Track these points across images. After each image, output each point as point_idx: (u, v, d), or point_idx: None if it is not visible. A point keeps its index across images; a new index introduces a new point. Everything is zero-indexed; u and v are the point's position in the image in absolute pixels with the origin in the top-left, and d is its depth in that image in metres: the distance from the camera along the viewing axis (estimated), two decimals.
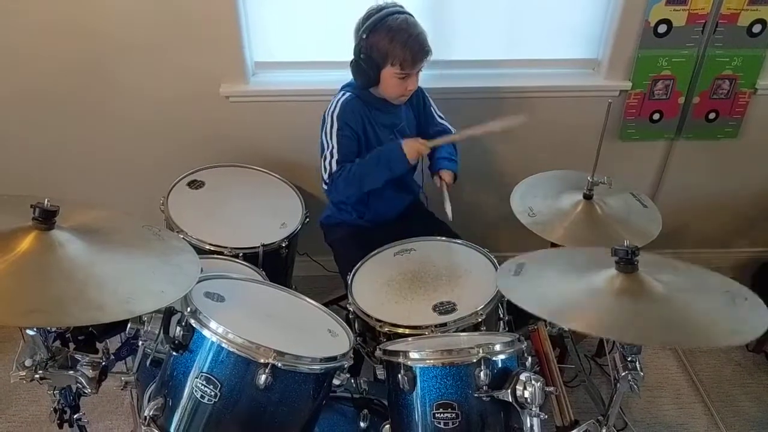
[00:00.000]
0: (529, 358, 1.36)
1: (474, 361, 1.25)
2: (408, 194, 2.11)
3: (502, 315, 1.65)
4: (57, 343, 1.31)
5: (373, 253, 1.83)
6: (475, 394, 1.25)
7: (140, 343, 1.32)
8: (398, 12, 1.77)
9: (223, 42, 2.12)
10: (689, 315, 1.21)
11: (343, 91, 1.90)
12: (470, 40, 2.25)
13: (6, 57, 2.11)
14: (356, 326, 1.65)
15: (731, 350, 2.43)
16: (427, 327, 1.54)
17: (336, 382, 1.34)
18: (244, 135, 2.32)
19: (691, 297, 1.26)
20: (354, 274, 1.76)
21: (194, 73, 2.17)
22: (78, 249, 1.18)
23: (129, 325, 1.25)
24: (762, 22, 2.15)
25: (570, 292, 1.29)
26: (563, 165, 2.04)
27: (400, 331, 1.55)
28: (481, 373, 1.24)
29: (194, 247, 1.44)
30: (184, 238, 1.66)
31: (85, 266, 1.16)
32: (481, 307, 1.56)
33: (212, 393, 1.21)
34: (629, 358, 1.31)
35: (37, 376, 1.24)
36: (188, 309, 1.24)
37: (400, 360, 1.32)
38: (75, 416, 1.37)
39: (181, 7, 2.04)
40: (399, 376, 1.31)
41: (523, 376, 1.22)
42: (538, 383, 1.20)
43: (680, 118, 2.35)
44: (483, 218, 2.58)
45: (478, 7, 2.18)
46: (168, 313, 1.24)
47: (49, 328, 1.26)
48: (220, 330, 1.21)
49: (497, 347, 1.29)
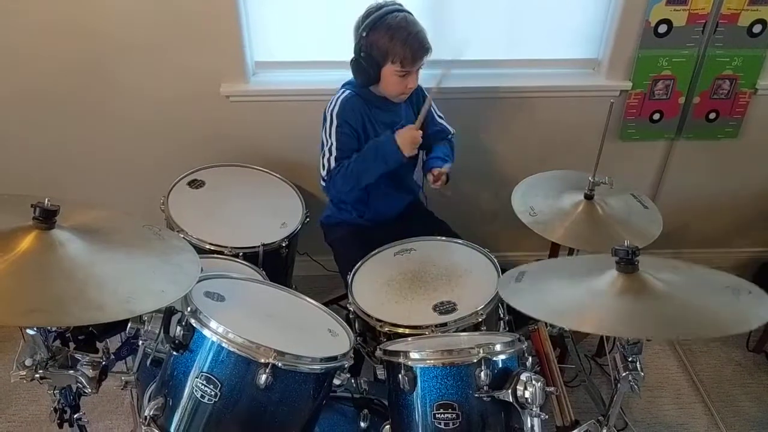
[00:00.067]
0: (530, 358, 1.36)
1: (474, 361, 1.25)
2: (408, 194, 2.11)
3: (502, 315, 1.65)
4: (57, 343, 1.31)
5: (374, 252, 1.83)
6: (476, 395, 1.25)
7: (140, 342, 1.32)
8: (398, 10, 1.78)
9: (224, 41, 2.12)
10: (693, 308, 1.21)
11: (343, 89, 1.90)
12: (470, 40, 2.24)
13: (6, 57, 2.11)
14: (356, 326, 1.65)
15: (731, 350, 2.44)
16: (427, 327, 1.54)
17: (336, 381, 1.34)
18: (244, 134, 2.32)
19: (693, 293, 1.26)
20: (354, 273, 1.76)
21: (194, 73, 2.17)
22: (78, 248, 1.18)
23: (129, 325, 1.26)
24: (762, 22, 2.15)
25: (572, 295, 1.29)
26: (563, 165, 2.04)
27: (401, 330, 1.55)
28: (482, 374, 1.24)
29: (194, 246, 1.44)
30: (184, 238, 1.66)
31: (85, 266, 1.16)
32: (482, 307, 1.56)
33: (212, 393, 1.20)
34: (630, 358, 1.31)
35: (37, 375, 1.23)
36: (188, 308, 1.24)
37: (401, 360, 1.32)
38: (75, 416, 1.36)
39: (182, 6, 2.04)
40: (399, 376, 1.31)
41: (523, 376, 1.22)
42: (539, 383, 1.20)
43: (680, 118, 2.35)
44: (483, 218, 2.58)
45: (478, 7, 2.18)
46: (168, 312, 1.24)
47: (49, 327, 1.25)
48: (221, 330, 1.21)
49: (498, 347, 1.29)
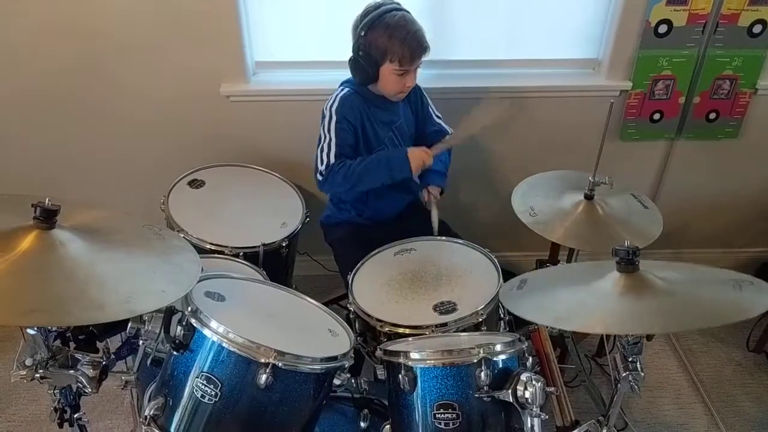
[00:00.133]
0: (530, 359, 1.36)
1: (475, 361, 1.25)
2: (407, 194, 2.11)
3: (502, 315, 1.65)
4: (57, 343, 1.31)
5: (374, 252, 1.83)
6: (476, 395, 1.25)
7: (141, 342, 1.32)
8: (396, 9, 1.78)
9: (224, 41, 2.12)
10: (696, 301, 1.21)
11: (342, 87, 1.91)
12: (471, 40, 2.25)
13: (6, 56, 2.11)
14: (357, 326, 1.65)
15: (731, 350, 2.44)
16: (427, 327, 1.54)
17: (336, 381, 1.34)
18: (244, 134, 2.32)
19: (695, 287, 1.27)
20: (354, 273, 1.76)
21: (195, 73, 2.17)
22: (79, 248, 1.18)
23: (130, 325, 1.26)
24: (762, 22, 2.15)
25: (575, 299, 1.29)
26: (563, 165, 2.04)
27: (401, 330, 1.55)
28: (482, 374, 1.24)
29: (195, 246, 1.44)
30: (184, 238, 1.66)
31: (85, 265, 1.16)
32: (482, 307, 1.55)
33: (213, 392, 1.20)
34: (630, 359, 1.31)
35: (37, 375, 1.23)
36: (189, 308, 1.23)
37: (401, 360, 1.32)
38: (75, 415, 1.36)
39: (182, 6, 2.04)
40: (399, 376, 1.30)
41: (523, 377, 1.22)
42: (539, 383, 1.20)
43: (681, 118, 2.35)
44: (484, 218, 2.58)
45: (478, 7, 2.18)
46: (168, 312, 1.24)
47: (49, 327, 1.25)
48: (221, 329, 1.20)
49: (498, 347, 1.29)
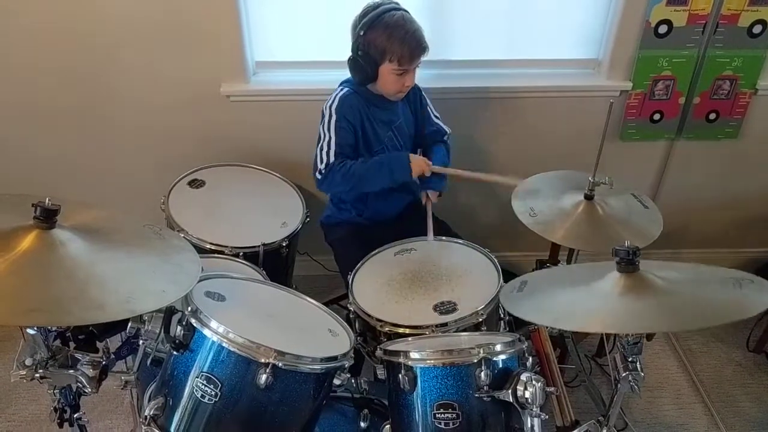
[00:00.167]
0: (530, 359, 1.36)
1: (475, 361, 1.25)
2: (407, 194, 2.11)
3: (502, 315, 1.65)
4: (57, 342, 1.30)
5: (374, 252, 1.83)
6: (476, 395, 1.25)
7: (141, 342, 1.31)
8: (394, 9, 1.78)
9: (224, 42, 2.12)
10: (697, 300, 1.21)
11: (341, 87, 1.91)
12: (471, 40, 2.25)
13: (6, 60, 2.11)
14: (357, 326, 1.65)
15: (732, 350, 2.44)
16: (427, 327, 1.54)
17: (336, 381, 1.34)
18: (244, 134, 2.32)
19: (695, 286, 1.27)
20: (354, 273, 1.76)
21: (195, 73, 2.17)
22: (79, 248, 1.18)
23: (130, 325, 1.25)
24: (762, 22, 2.15)
25: (576, 300, 1.29)
26: (563, 165, 2.04)
27: (401, 330, 1.55)
28: (482, 374, 1.24)
29: (195, 246, 1.44)
30: (184, 238, 1.66)
31: (85, 265, 1.16)
32: (482, 307, 1.56)
33: (213, 392, 1.20)
34: (630, 359, 1.30)
35: (37, 375, 1.23)
36: (189, 308, 1.23)
37: (401, 360, 1.32)
38: (75, 415, 1.36)
39: (182, 7, 2.04)
40: (399, 376, 1.30)
41: (523, 377, 1.22)
42: (539, 383, 1.20)
43: (681, 118, 2.35)
44: (483, 218, 2.58)
45: (478, 7, 2.18)
46: (169, 312, 1.24)
47: (49, 327, 1.25)
48: (221, 329, 1.20)
49: (498, 347, 1.29)
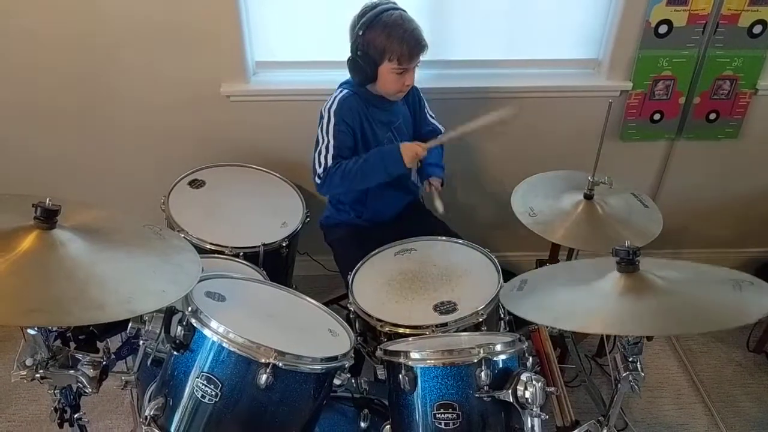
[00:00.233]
0: (530, 359, 1.36)
1: (475, 361, 1.25)
2: (406, 194, 2.11)
3: (502, 315, 1.65)
4: (58, 343, 1.30)
5: (374, 252, 1.83)
6: (476, 395, 1.25)
7: (141, 342, 1.32)
8: (393, 8, 1.78)
9: (224, 42, 2.12)
10: (696, 303, 1.21)
11: (340, 89, 1.91)
12: (471, 40, 2.25)
13: (6, 61, 2.11)
14: (357, 326, 1.65)
15: (732, 350, 2.44)
16: (427, 327, 1.54)
17: (337, 381, 1.34)
18: (244, 134, 2.32)
19: (695, 288, 1.27)
20: (354, 273, 1.76)
21: (195, 73, 2.17)
22: (79, 248, 1.18)
23: (130, 325, 1.26)
24: (762, 22, 2.15)
25: (576, 299, 1.29)
26: (564, 165, 2.04)
27: (401, 330, 1.55)
28: (482, 374, 1.24)
29: (195, 246, 1.44)
30: (184, 238, 1.66)
31: (86, 265, 1.16)
32: (482, 307, 1.56)
33: (213, 393, 1.20)
34: (630, 359, 1.30)
35: (37, 375, 1.23)
36: (189, 308, 1.23)
37: (401, 360, 1.32)
38: (75, 416, 1.36)
39: (182, 7, 2.04)
40: (400, 376, 1.30)
41: (524, 377, 1.22)
42: (539, 383, 1.20)
43: (681, 118, 2.35)
44: (483, 218, 2.58)
45: (478, 7, 2.18)
46: (169, 312, 1.24)
47: (50, 327, 1.25)
48: (221, 329, 1.20)
49: (498, 347, 1.29)
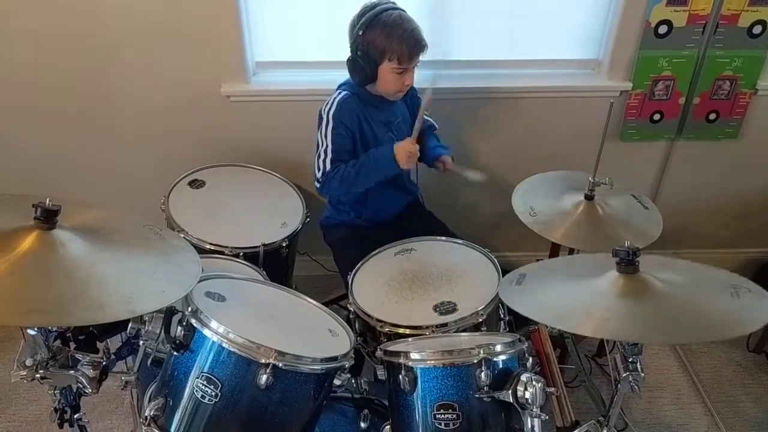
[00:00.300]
0: (530, 359, 1.36)
1: (475, 361, 1.25)
2: (406, 194, 2.11)
3: (502, 315, 1.65)
4: (58, 343, 1.30)
5: (374, 252, 1.83)
6: (476, 395, 1.25)
7: (141, 342, 1.32)
8: (392, 8, 1.78)
9: (224, 42, 2.12)
10: (693, 311, 1.21)
11: (339, 90, 1.90)
12: (471, 40, 2.25)
13: (6, 62, 2.12)
14: (357, 326, 1.65)
15: (732, 350, 2.44)
16: (427, 327, 1.54)
17: (337, 382, 1.34)
18: (244, 134, 2.32)
19: (694, 293, 1.26)
20: (354, 273, 1.76)
21: (195, 74, 2.17)
22: (79, 248, 1.18)
23: (130, 325, 1.26)
24: (762, 23, 2.15)
25: (573, 297, 1.29)
26: (563, 165, 2.04)
27: (401, 331, 1.55)
28: (482, 374, 1.24)
29: (195, 246, 1.44)
30: (184, 238, 1.66)
31: (86, 266, 1.16)
32: (482, 307, 1.56)
33: (213, 393, 1.20)
34: (630, 359, 1.30)
35: (37, 375, 1.23)
36: (189, 309, 1.24)
37: (401, 360, 1.32)
38: (75, 416, 1.36)
39: (182, 7, 2.04)
40: (400, 376, 1.30)
41: (524, 377, 1.22)
42: (539, 384, 1.20)
43: (681, 118, 2.35)
44: (484, 218, 2.58)
45: (478, 7, 2.18)
46: (169, 312, 1.24)
47: (50, 327, 1.25)
48: (221, 330, 1.21)
49: (498, 348, 1.29)
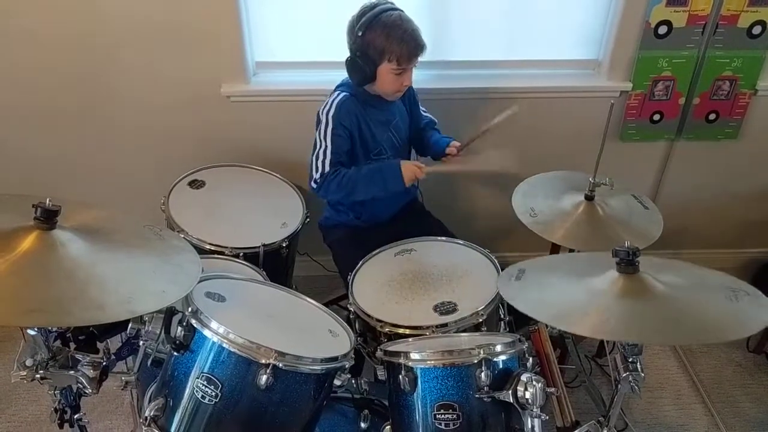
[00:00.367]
0: (530, 359, 1.36)
1: (475, 361, 1.25)
2: (405, 194, 2.11)
3: (502, 315, 1.65)
4: (58, 343, 1.30)
5: (374, 253, 1.83)
6: (476, 395, 1.25)
7: (141, 343, 1.32)
8: (391, 8, 1.78)
9: (224, 42, 2.12)
10: (692, 313, 1.21)
11: (338, 91, 1.90)
12: (470, 41, 2.25)
13: (6, 62, 2.11)
14: (357, 326, 1.65)
15: (732, 351, 2.44)
16: (427, 327, 1.54)
17: (337, 382, 1.34)
18: (245, 135, 2.32)
19: (692, 295, 1.27)
20: (354, 274, 1.76)
21: (195, 74, 2.17)
22: (79, 249, 1.18)
23: (130, 325, 1.25)
24: (762, 23, 2.15)
25: (572, 296, 1.29)
26: (563, 165, 2.04)
27: (401, 331, 1.55)
28: (482, 374, 1.24)
29: (195, 246, 1.44)
30: (184, 238, 1.66)
31: (86, 266, 1.16)
32: (482, 307, 1.56)
33: (213, 393, 1.20)
34: (630, 359, 1.30)
35: (37, 375, 1.23)
36: (189, 309, 1.24)
37: (401, 361, 1.32)
38: (75, 416, 1.36)
39: (182, 7, 2.04)
40: (400, 376, 1.31)
41: (524, 377, 1.22)
42: (539, 384, 1.20)
43: (680, 118, 2.35)
44: (484, 218, 2.58)
45: (477, 8, 2.18)
46: (169, 312, 1.24)
47: (50, 327, 1.25)
48: (221, 330, 1.20)
49: (498, 348, 1.29)
